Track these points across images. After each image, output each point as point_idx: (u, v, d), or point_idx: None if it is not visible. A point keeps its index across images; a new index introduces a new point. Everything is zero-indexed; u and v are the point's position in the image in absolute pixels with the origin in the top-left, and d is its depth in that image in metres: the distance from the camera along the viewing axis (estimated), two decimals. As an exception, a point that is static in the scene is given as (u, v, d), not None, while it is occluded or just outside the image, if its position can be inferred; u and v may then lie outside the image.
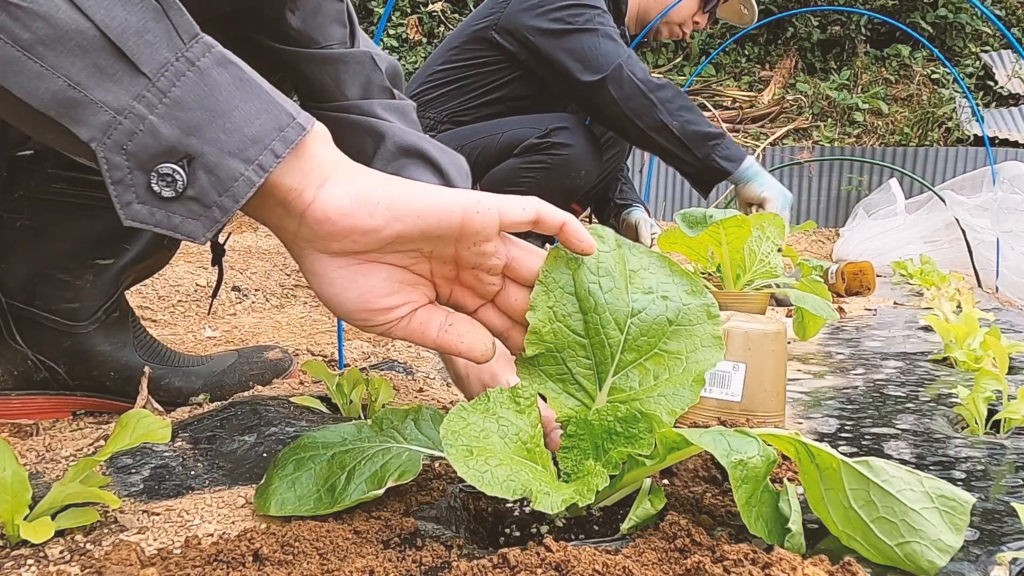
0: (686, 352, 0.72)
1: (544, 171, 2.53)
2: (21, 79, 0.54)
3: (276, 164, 0.59)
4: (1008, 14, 8.13)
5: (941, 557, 0.58)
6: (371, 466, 0.72)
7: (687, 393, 0.71)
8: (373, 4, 8.07)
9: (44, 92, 0.54)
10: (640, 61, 2.55)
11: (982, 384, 1.06)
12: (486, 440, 0.64)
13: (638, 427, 0.69)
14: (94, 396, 1.18)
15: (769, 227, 1.70)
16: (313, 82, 1.12)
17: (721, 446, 0.62)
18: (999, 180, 3.96)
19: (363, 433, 0.78)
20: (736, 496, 0.60)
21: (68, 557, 0.64)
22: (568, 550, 0.57)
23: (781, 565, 0.55)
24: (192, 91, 0.57)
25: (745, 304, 1.66)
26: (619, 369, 0.72)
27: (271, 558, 0.60)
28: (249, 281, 2.87)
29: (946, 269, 3.60)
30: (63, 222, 1.10)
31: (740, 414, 1.06)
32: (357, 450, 0.75)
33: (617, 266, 0.73)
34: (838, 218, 6.81)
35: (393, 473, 0.70)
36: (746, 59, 8.32)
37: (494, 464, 0.61)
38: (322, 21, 1.09)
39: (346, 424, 0.79)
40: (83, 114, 0.55)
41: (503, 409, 0.67)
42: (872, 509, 0.61)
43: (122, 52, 0.56)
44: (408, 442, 0.77)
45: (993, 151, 5.33)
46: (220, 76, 0.59)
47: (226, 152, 0.58)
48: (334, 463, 0.73)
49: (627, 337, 0.72)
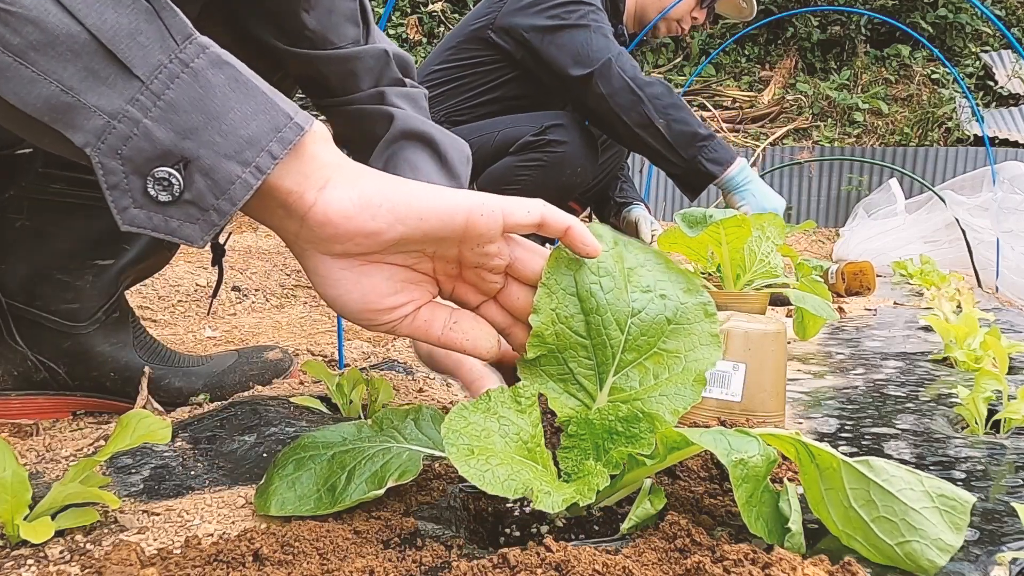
0: (684, 351, 0.73)
1: (540, 168, 2.52)
2: (13, 85, 0.53)
3: (274, 165, 0.59)
4: (1008, 14, 8.13)
5: (941, 556, 0.59)
6: (371, 466, 0.72)
7: (689, 392, 0.71)
8: (373, 4, 8.07)
9: (37, 98, 0.54)
10: (632, 59, 2.54)
11: (982, 384, 1.06)
12: (487, 439, 0.64)
13: (639, 427, 0.69)
14: (94, 396, 1.18)
15: (769, 227, 1.70)
16: (329, 81, 1.14)
17: (722, 445, 0.62)
18: (999, 180, 3.97)
19: (363, 433, 0.78)
20: (736, 495, 0.60)
21: (68, 557, 0.64)
22: (568, 550, 0.57)
23: (781, 565, 0.55)
24: (186, 93, 0.57)
25: (745, 304, 1.66)
26: (620, 369, 0.73)
27: (271, 558, 0.60)
28: (249, 281, 2.87)
29: (946, 269, 3.60)
30: (63, 222, 1.10)
31: (740, 414, 1.06)
32: (357, 450, 0.75)
33: (616, 265, 0.74)
34: (838, 218, 6.81)
35: (393, 473, 0.70)
36: (746, 59, 8.32)
37: (495, 463, 0.61)
38: (337, 20, 1.10)
39: (346, 424, 0.79)
40: (77, 119, 0.55)
41: (504, 409, 0.67)
42: (872, 508, 0.61)
43: (114, 55, 0.55)
44: (408, 442, 0.77)
45: (993, 151, 5.33)
46: (215, 77, 0.58)
47: (222, 155, 0.57)
48: (334, 463, 0.73)
49: (628, 337, 0.73)
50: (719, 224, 1.60)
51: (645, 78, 2.50)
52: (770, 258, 1.68)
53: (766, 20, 6.26)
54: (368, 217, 0.63)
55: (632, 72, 2.47)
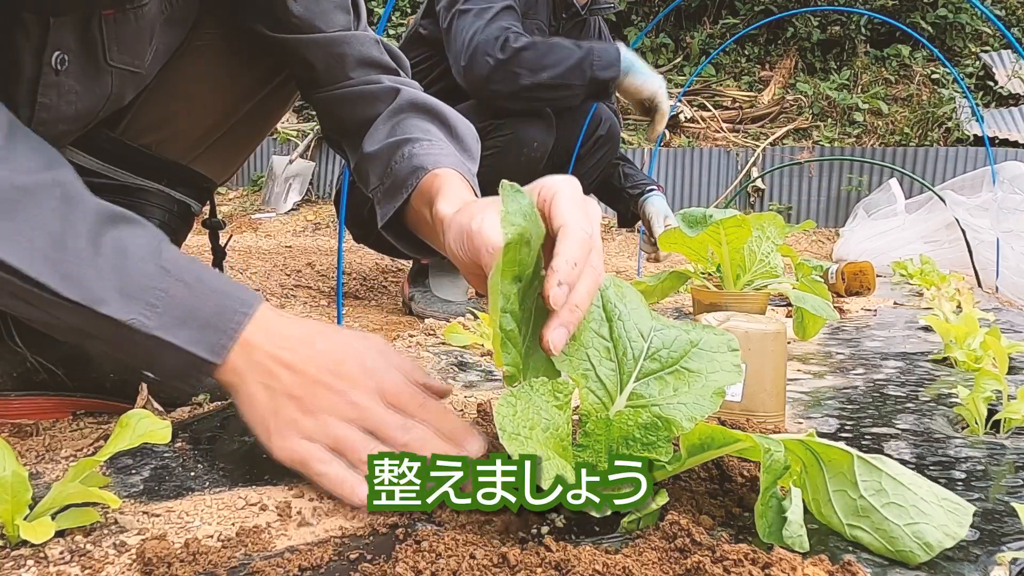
0: (707, 372, 0.75)
1: (496, 155, 2.45)
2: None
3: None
4: (1008, 14, 8.12)
5: (947, 540, 0.61)
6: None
7: (707, 403, 0.72)
8: (373, 4, 8.08)
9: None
10: (498, 27, 2.39)
11: (982, 384, 1.06)
12: (532, 431, 0.65)
13: (658, 434, 0.70)
14: (94, 397, 1.18)
15: (769, 227, 1.70)
16: (317, 67, 1.11)
17: (755, 438, 0.64)
18: (999, 180, 3.97)
19: None
20: (762, 479, 0.62)
21: (68, 557, 0.64)
22: (568, 550, 0.57)
23: (781, 565, 0.55)
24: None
25: (745, 304, 1.66)
26: (640, 377, 0.75)
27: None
28: (249, 281, 2.87)
29: (946, 269, 3.60)
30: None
31: (740, 414, 1.06)
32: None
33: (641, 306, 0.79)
34: (838, 218, 6.80)
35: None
36: (746, 59, 8.32)
37: (539, 453, 0.63)
38: (325, 7, 1.08)
39: None
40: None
41: (544, 401, 0.69)
42: (883, 496, 0.63)
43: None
44: None
45: (993, 151, 5.33)
46: None
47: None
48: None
49: (650, 346, 0.76)
50: (719, 224, 1.60)
51: (510, 49, 2.37)
52: (770, 258, 1.69)
53: (766, 20, 6.25)
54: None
55: (494, 49, 2.36)
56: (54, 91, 0.94)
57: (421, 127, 1.06)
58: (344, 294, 2.88)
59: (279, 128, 7.58)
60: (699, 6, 8.46)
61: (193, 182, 1.21)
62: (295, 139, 7.57)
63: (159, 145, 1.16)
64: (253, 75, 1.19)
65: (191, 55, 1.14)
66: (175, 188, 1.19)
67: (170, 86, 1.14)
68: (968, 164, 6.53)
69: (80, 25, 0.92)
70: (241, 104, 1.21)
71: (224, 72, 1.17)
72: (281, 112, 1.33)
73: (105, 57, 0.97)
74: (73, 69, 0.94)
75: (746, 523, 0.69)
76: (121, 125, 1.14)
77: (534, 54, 2.40)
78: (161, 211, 1.18)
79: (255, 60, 1.17)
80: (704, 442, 0.67)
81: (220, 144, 1.22)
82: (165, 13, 1.02)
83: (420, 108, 1.09)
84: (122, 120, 1.14)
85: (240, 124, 1.22)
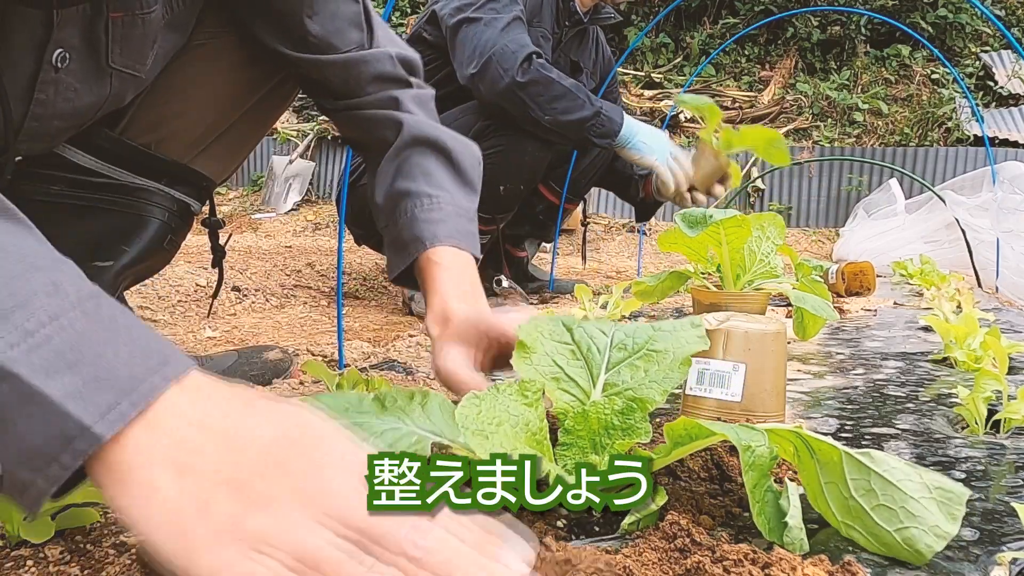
0: (673, 348, 0.78)
1: (500, 153, 2.46)
2: None
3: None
4: (1008, 14, 8.13)
5: (938, 542, 0.61)
6: (380, 443, 0.72)
7: (675, 374, 0.76)
8: (373, 4, 8.07)
9: None
10: (521, 48, 2.40)
11: (982, 384, 1.06)
12: (499, 427, 0.66)
13: (634, 417, 0.72)
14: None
15: (769, 227, 1.70)
16: (332, 84, 1.15)
17: (732, 433, 0.65)
18: (999, 180, 3.97)
19: (364, 405, 0.77)
20: (745, 479, 0.62)
21: (68, 557, 0.64)
22: (568, 549, 0.57)
23: (781, 565, 0.55)
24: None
25: (745, 304, 1.66)
26: (611, 367, 0.78)
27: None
28: (249, 281, 2.88)
29: (946, 269, 3.60)
30: (61, 224, 1.10)
31: (740, 414, 1.06)
32: (366, 425, 0.74)
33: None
34: (838, 218, 6.81)
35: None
36: (746, 59, 8.32)
37: (509, 449, 0.63)
38: (340, 25, 1.11)
39: (351, 393, 0.80)
40: None
41: (511, 400, 0.69)
42: (872, 497, 0.63)
43: None
44: (417, 425, 0.77)
45: (993, 151, 5.33)
46: None
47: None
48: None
49: (613, 339, 0.80)
50: (719, 224, 1.60)
51: (531, 73, 2.39)
52: (770, 258, 1.69)
53: (766, 20, 6.26)
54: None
55: (514, 66, 2.36)
56: (52, 88, 0.94)
57: (423, 167, 1.11)
58: (344, 294, 2.88)
59: (279, 128, 7.59)
60: (699, 6, 8.46)
61: (193, 181, 1.21)
62: (295, 139, 7.58)
63: (159, 144, 1.16)
64: (252, 74, 1.20)
65: (191, 55, 1.14)
66: (175, 187, 1.19)
67: (170, 86, 1.15)
68: (968, 164, 6.53)
69: (86, 25, 0.93)
70: (241, 103, 1.21)
71: (224, 71, 1.17)
72: (280, 110, 1.33)
73: (107, 59, 0.97)
74: (73, 68, 0.94)
75: (746, 523, 0.69)
76: (121, 124, 1.14)
77: (548, 94, 2.41)
78: (161, 211, 1.18)
79: (254, 59, 1.17)
80: (690, 432, 0.68)
81: (220, 143, 1.22)
82: (166, 18, 1.03)
83: (423, 143, 1.13)
84: (122, 119, 1.14)
85: (240, 123, 1.23)
